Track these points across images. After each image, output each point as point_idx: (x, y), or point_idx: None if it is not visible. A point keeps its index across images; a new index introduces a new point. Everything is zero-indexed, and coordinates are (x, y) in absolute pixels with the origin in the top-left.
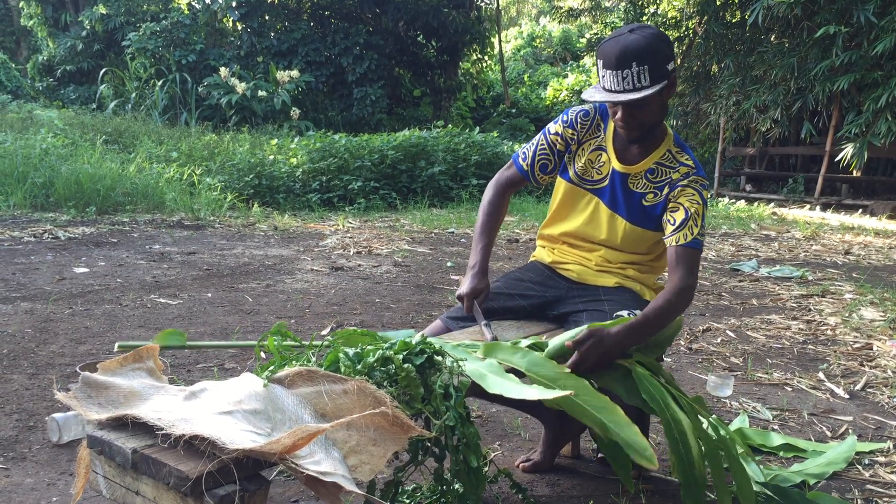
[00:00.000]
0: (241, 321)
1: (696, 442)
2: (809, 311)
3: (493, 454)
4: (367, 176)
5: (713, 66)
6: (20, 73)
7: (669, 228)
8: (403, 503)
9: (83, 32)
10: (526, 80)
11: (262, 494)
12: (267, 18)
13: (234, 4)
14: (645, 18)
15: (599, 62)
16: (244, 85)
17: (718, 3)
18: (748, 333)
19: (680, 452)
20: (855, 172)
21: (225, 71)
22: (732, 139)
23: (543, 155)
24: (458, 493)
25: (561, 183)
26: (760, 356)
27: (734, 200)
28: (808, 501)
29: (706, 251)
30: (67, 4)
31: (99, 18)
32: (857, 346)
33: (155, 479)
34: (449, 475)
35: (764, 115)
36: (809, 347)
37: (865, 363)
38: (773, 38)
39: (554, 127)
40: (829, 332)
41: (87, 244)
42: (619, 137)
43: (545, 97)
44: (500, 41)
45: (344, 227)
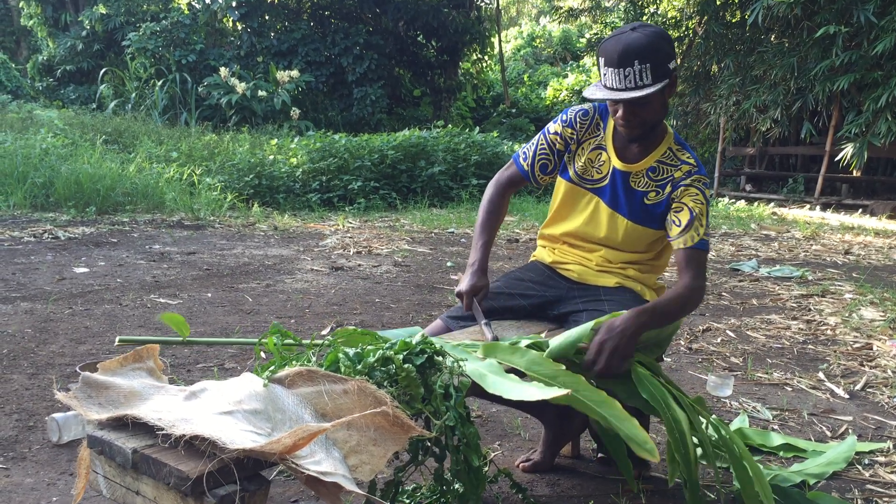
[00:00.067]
0: (241, 321)
1: (693, 443)
2: (809, 311)
3: (493, 454)
4: (367, 176)
5: (713, 65)
6: (20, 73)
7: (675, 230)
8: (403, 503)
9: (83, 32)
10: (526, 80)
11: (262, 494)
12: (267, 18)
13: (234, 4)
14: (645, 18)
15: (601, 60)
16: (244, 85)
17: (718, 3)
18: (748, 333)
19: (681, 452)
20: (855, 172)
21: (225, 71)
22: (732, 139)
23: (543, 155)
24: (458, 493)
25: (561, 183)
26: (760, 356)
27: (734, 200)
28: (808, 501)
29: None
30: (67, 4)
31: (99, 18)
32: (857, 345)
33: (155, 479)
34: (449, 475)
35: (764, 114)
36: (809, 347)
37: (865, 363)
38: (773, 37)
39: (553, 127)
40: (829, 332)
41: (87, 244)
42: (618, 136)
43: (545, 97)
44: (500, 41)
45: (344, 227)
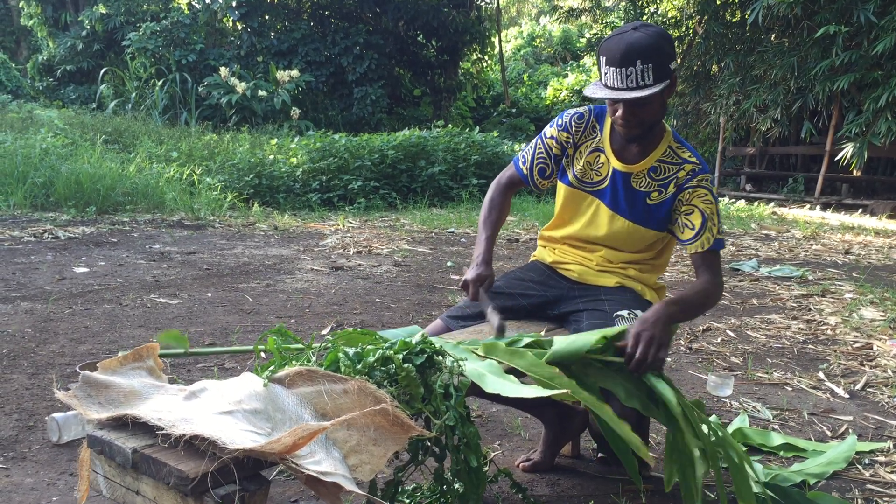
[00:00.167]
0: (241, 321)
1: (696, 444)
2: (809, 310)
3: (493, 454)
4: (367, 176)
5: (713, 65)
6: (20, 72)
7: (689, 234)
8: (403, 503)
9: (83, 32)
10: (526, 79)
11: (262, 494)
12: (267, 18)
13: (234, 4)
14: (645, 18)
15: (602, 59)
16: (244, 85)
17: (718, 2)
18: (748, 333)
19: (679, 453)
20: (855, 172)
21: (225, 71)
22: (732, 139)
23: (541, 159)
24: (458, 492)
25: (561, 187)
26: (760, 356)
27: (734, 200)
28: (808, 501)
29: None
30: (67, 4)
31: (99, 18)
32: (857, 345)
33: (155, 478)
34: (449, 475)
35: (764, 114)
36: (809, 347)
37: (865, 363)
38: (773, 37)
39: (549, 131)
40: (829, 331)
41: (87, 244)
42: (616, 137)
43: (545, 97)
44: (500, 41)
45: (344, 226)
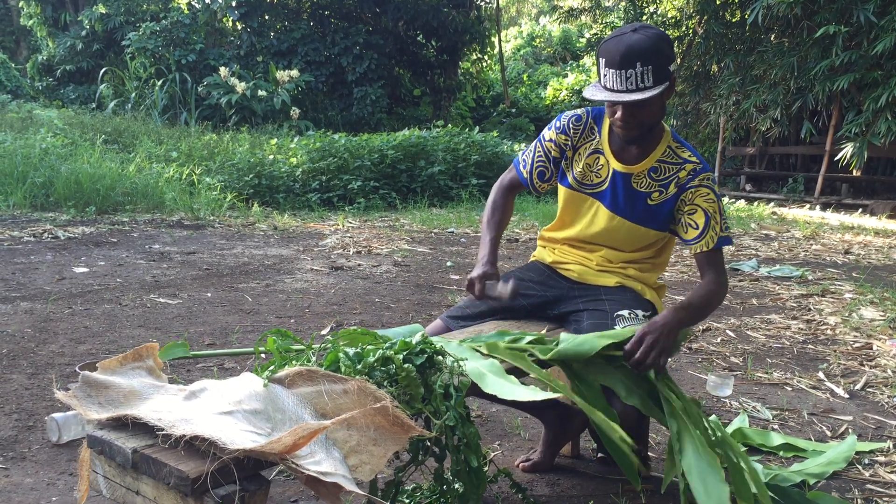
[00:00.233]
0: (240, 321)
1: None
2: (809, 310)
3: (493, 454)
4: (366, 176)
5: (713, 65)
6: (20, 72)
7: (693, 233)
8: (403, 503)
9: (83, 32)
10: (526, 79)
11: (262, 494)
12: (267, 18)
13: (233, 4)
14: (645, 18)
15: (601, 61)
16: (244, 85)
17: (718, 2)
18: (748, 333)
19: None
20: (855, 172)
21: (225, 71)
22: (732, 139)
23: (540, 163)
24: (458, 492)
25: (562, 190)
26: (760, 356)
27: (734, 200)
28: (808, 501)
29: None
30: (67, 4)
31: (98, 18)
32: (856, 345)
33: (155, 479)
34: (449, 475)
35: (764, 114)
36: (809, 347)
37: (865, 363)
38: (772, 37)
39: (548, 134)
40: (828, 331)
41: (86, 244)
42: (615, 139)
43: (545, 97)
44: (499, 41)
45: (344, 226)
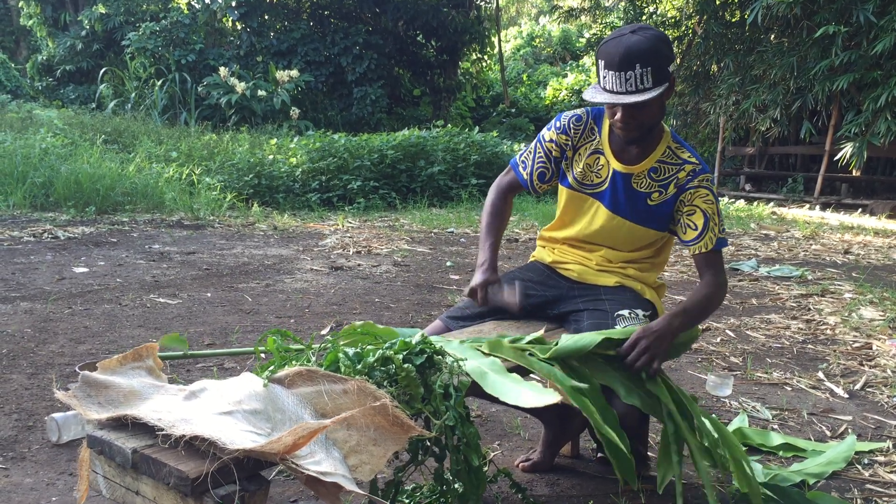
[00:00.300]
0: (240, 321)
1: (696, 441)
2: (809, 310)
3: (492, 454)
4: (366, 176)
5: (713, 65)
6: (20, 72)
7: (691, 234)
8: (403, 503)
9: (83, 32)
10: (525, 79)
11: (262, 494)
12: (266, 18)
13: (233, 4)
14: (644, 18)
15: (601, 62)
16: (244, 85)
17: (718, 2)
18: (748, 333)
19: (676, 452)
20: (854, 172)
21: (224, 71)
22: (732, 139)
23: (541, 164)
24: (458, 492)
25: (562, 190)
26: (760, 356)
27: (734, 200)
28: (807, 501)
29: None
30: (67, 4)
31: (98, 18)
32: (856, 345)
33: (155, 479)
34: (449, 475)
35: (763, 114)
36: (809, 347)
37: (865, 363)
38: (772, 37)
39: (548, 134)
40: (828, 331)
41: (86, 244)
42: (615, 139)
43: (545, 97)
44: (499, 41)
45: (343, 226)
